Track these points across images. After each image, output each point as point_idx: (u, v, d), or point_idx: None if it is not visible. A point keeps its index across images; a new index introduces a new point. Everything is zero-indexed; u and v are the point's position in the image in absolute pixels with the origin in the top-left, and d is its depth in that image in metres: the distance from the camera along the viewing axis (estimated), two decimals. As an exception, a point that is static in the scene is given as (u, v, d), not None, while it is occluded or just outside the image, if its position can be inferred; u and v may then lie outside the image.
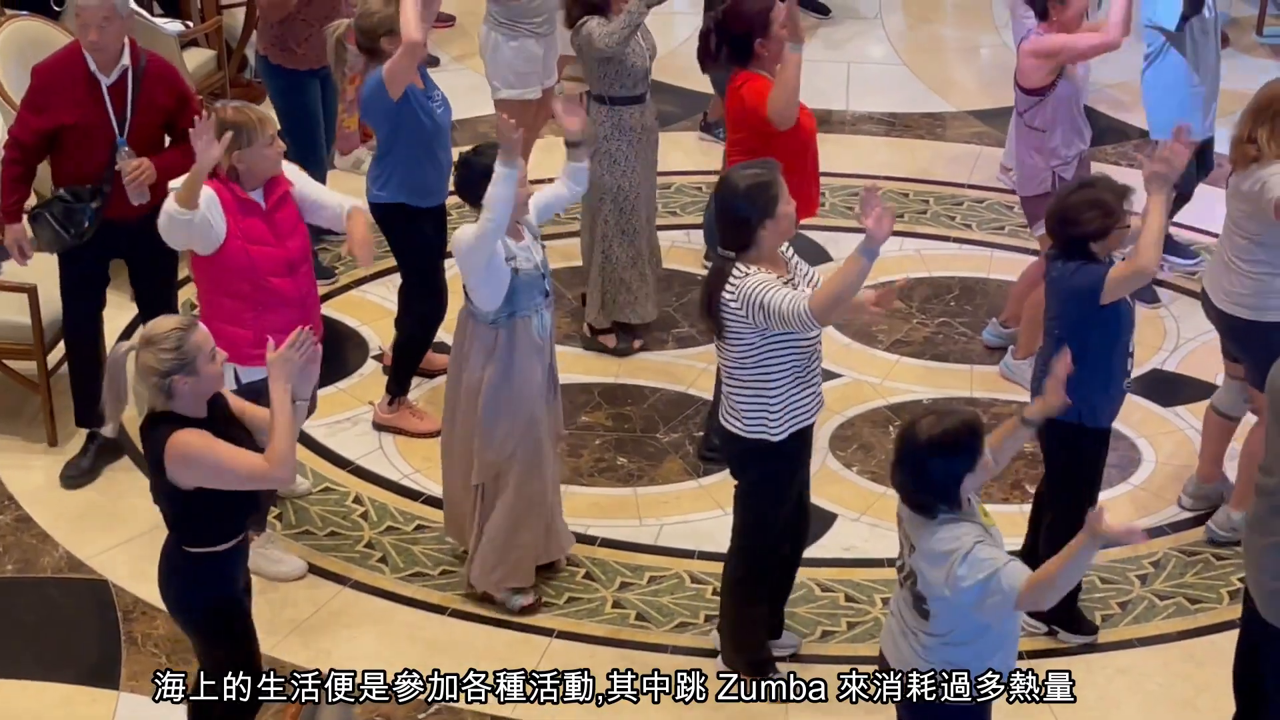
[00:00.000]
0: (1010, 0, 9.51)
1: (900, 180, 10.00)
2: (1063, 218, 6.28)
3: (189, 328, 5.29)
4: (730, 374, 6.09)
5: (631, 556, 7.20)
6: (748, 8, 7.24)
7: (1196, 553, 7.20)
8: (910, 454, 5.09)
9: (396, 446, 7.83)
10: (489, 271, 6.39)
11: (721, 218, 6.00)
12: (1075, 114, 7.83)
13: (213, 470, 5.26)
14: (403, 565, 7.14)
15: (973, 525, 5.09)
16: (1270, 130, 6.68)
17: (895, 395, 8.17)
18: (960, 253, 9.33)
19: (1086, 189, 6.31)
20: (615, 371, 8.35)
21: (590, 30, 7.98)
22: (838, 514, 7.43)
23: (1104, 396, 6.35)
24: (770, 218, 5.90)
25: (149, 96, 7.22)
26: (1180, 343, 8.49)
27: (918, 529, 5.14)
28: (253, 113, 6.50)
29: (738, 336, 5.97)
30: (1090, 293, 6.20)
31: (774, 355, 5.99)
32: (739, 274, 5.88)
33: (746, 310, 5.86)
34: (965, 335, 8.62)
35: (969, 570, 4.99)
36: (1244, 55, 11.59)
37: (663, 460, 7.74)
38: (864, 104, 10.90)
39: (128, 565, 7.05)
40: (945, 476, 5.05)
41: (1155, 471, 7.71)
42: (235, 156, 6.43)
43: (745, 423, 6.10)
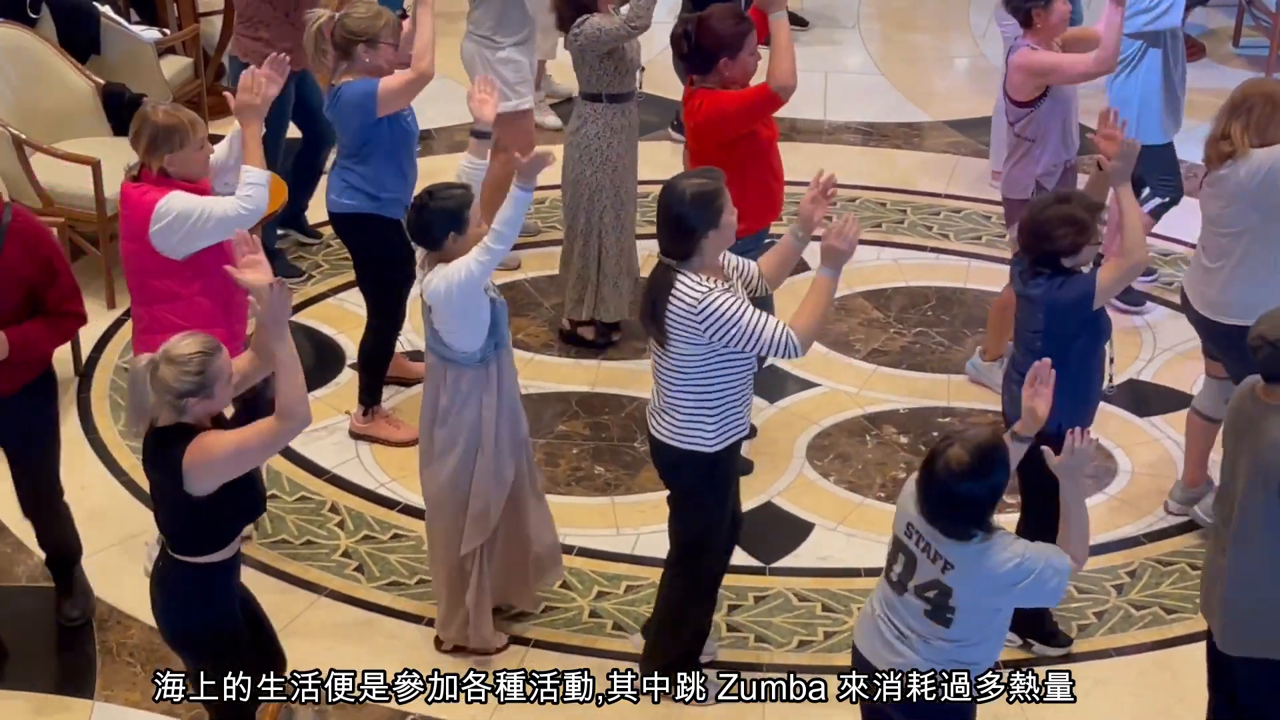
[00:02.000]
0: (996, 9, 9.51)
1: (878, 190, 10.01)
2: (1035, 232, 6.29)
3: (214, 352, 5.24)
4: (670, 382, 6.03)
5: (608, 566, 7.20)
6: (724, 27, 7.22)
7: (1172, 563, 7.21)
8: (941, 484, 5.06)
9: (373, 455, 7.82)
10: (477, 306, 6.25)
11: (665, 225, 5.92)
12: (1066, 125, 7.82)
13: (234, 458, 5.23)
14: (379, 574, 7.12)
15: (1008, 535, 5.16)
16: (1244, 124, 6.79)
17: (872, 404, 8.18)
18: (938, 262, 9.35)
19: (1061, 204, 6.32)
20: (592, 380, 8.34)
21: (598, 24, 7.96)
22: (814, 523, 7.42)
23: (1083, 405, 6.37)
24: (714, 228, 5.86)
25: (8, 261, 6.15)
26: (1157, 353, 8.51)
27: (954, 551, 5.12)
28: (184, 115, 6.42)
29: (686, 346, 5.91)
30: (1080, 302, 6.23)
31: (719, 368, 5.95)
32: (692, 286, 5.83)
33: (708, 327, 5.80)
34: (942, 345, 8.63)
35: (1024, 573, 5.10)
36: (1220, 66, 11.64)
37: (640, 469, 7.73)
38: (841, 113, 10.92)
39: (102, 574, 7.02)
40: (983, 499, 5.06)
41: (1132, 481, 7.72)
42: (167, 160, 6.36)
43: (680, 432, 6.06)
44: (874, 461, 7.81)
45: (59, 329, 6.30)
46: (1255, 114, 6.79)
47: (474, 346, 6.30)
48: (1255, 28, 11.93)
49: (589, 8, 8.03)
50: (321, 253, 9.25)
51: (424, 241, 6.31)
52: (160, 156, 6.36)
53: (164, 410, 5.26)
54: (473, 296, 6.20)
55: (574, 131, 8.27)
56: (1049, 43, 7.65)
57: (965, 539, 5.10)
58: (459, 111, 10.12)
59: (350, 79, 7.33)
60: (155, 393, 5.25)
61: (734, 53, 7.17)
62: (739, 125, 7.18)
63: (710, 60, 7.22)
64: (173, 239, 6.37)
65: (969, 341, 8.62)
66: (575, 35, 8.05)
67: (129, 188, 6.46)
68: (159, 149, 6.35)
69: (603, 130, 8.20)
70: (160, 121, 6.36)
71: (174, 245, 6.39)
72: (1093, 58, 7.56)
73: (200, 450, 5.20)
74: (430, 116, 9.65)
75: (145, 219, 6.35)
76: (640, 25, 7.94)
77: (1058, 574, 5.13)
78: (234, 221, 6.32)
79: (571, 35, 8.08)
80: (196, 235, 6.37)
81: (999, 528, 5.15)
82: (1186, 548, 7.28)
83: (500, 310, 6.37)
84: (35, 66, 9.01)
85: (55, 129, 8.95)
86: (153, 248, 6.39)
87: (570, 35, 8.09)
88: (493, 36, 8.75)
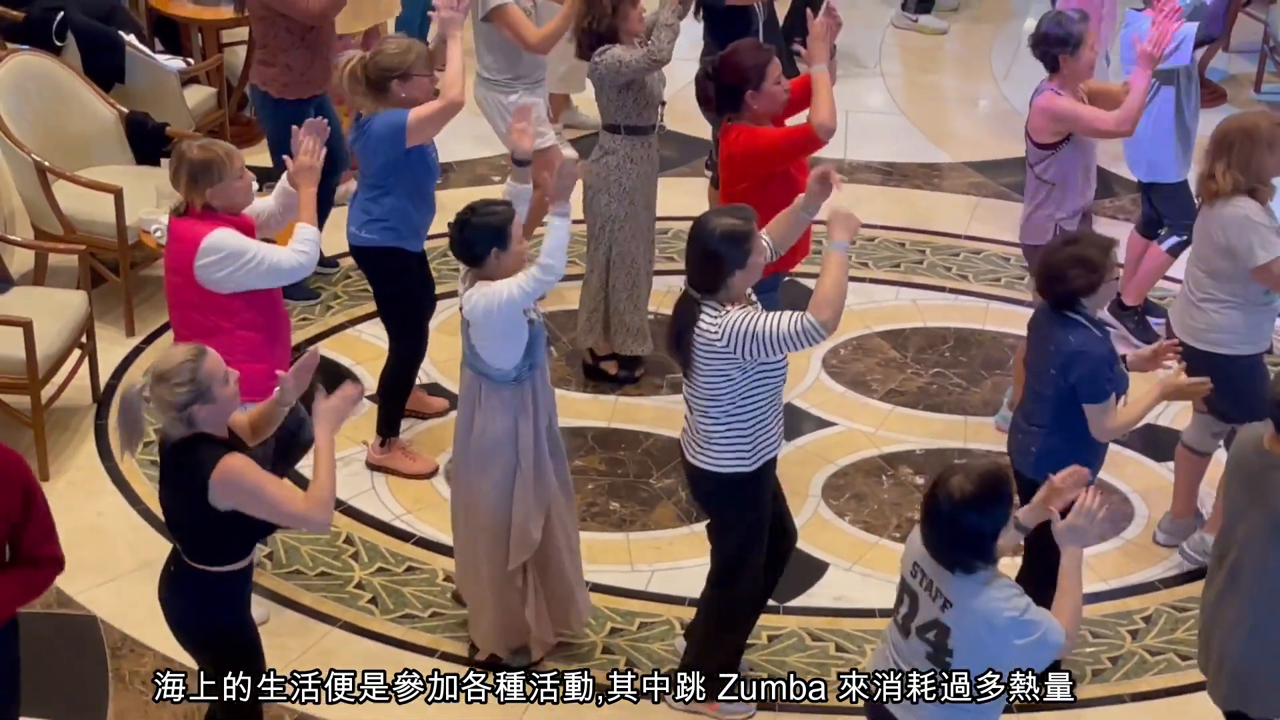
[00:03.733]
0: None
1: (897, 230, 10.01)
2: (1049, 275, 6.34)
3: (198, 357, 5.33)
4: (704, 410, 6.11)
5: (622, 602, 7.19)
6: (742, 60, 7.26)
7: (1187, 609, 7.18)
8: (944, 515, 5.07)
9: (389, 487, 7.82)
10: (517, 329, 6.34)
11: (694, 259, 6.04)
12: (1087, 170, 7.81)
13: (255, 500, 5.33)
14: (393, 607, 7.12)
15: (1013, 585, 5.12)
16: (1226, 163, 6.92)
17: (889, 445, 8.17)
18: (956, 303, 9.34)
19: (1071, 245, 6.37)
20: (609, 416, 8.34)
21: (618, 55, 7.98)
22: (829, 563, 7.41)
23: (1094, 458, 6.39)
24: (742, 268, 5.97)
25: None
26: (1174, 398, 8.48)
27: (954, 587, 5.12)
28: (219, 148, 6.53)
29: (716, 372, 6.00)
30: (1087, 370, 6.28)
31: (750, 390, 6.04)
32: (713, 319, 5.92)
33: (733, 344, 5.90)
34: (960, 386, 8.62)
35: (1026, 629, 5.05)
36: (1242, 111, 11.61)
37: (655, 505, 7.73)
38: (862, 153, 10.92)
39: (116, 602, 7.03)
40: (984, 532, 5.05)
41: (1147, 527, 7.69)
42: (209, 194, 6.47)
43: (719, 458, 6.15)
44: (890, 502, 7.80)
45: (34, 582, 5.43)
46: (1235, 150, 6.93)
47: (509, 365, 6.39)
48: (1277, 74, 11.93)
49: (610, 38, 8.05)
50: (341, 283, 9.26)
51: (467, 258, 6.41)
52: (202, 191, 6.46)
53: (175, 427, 5.35)
54: (513, 320, 6.30)
55: (594, 161, 8.29)
56: (1074, 88, 7.64)
57: (967, 571, 5.09)
58: (479, 146, 10.20)
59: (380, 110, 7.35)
60: (160, 414, 5.35)
61: (758, 84, 7.20)
62: (775, 163, 7.19)
63: (736, 95, 7.24)
64: (218, 274, 6.46)
65: (986, 383, 8.61)
66: (595, 65, 8.08)
67: (175, 222, 6.58)
68: (199, 184, 6.46)
69: (622, 161, 8.22)
70: (196, 157, 6.45)
71: (218, 280, 6.47)
72: (1114, 118, 7.52)
73: (230, 471, 5.27)
74: (451, 150, 9.67)
75: (190, 253, 6.45)
76: (660, 59, 7.96)
77: (1050, 647, 5.08)
78: (287, 274, 6.53)
79: (591, 64, 8.11)
80: (246, 277, 6.48)
81: (1003, 575, 5.14)
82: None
83: (538, 332, 6.46)
84: (60, 94, 9.04)
85: (78, 156, 8.98)
86: (196, 281, 6.47)
87: (590, 64, 8.12)
88: (504, 81, 8.76)
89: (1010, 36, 12.30)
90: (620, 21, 8.02)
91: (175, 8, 10.46)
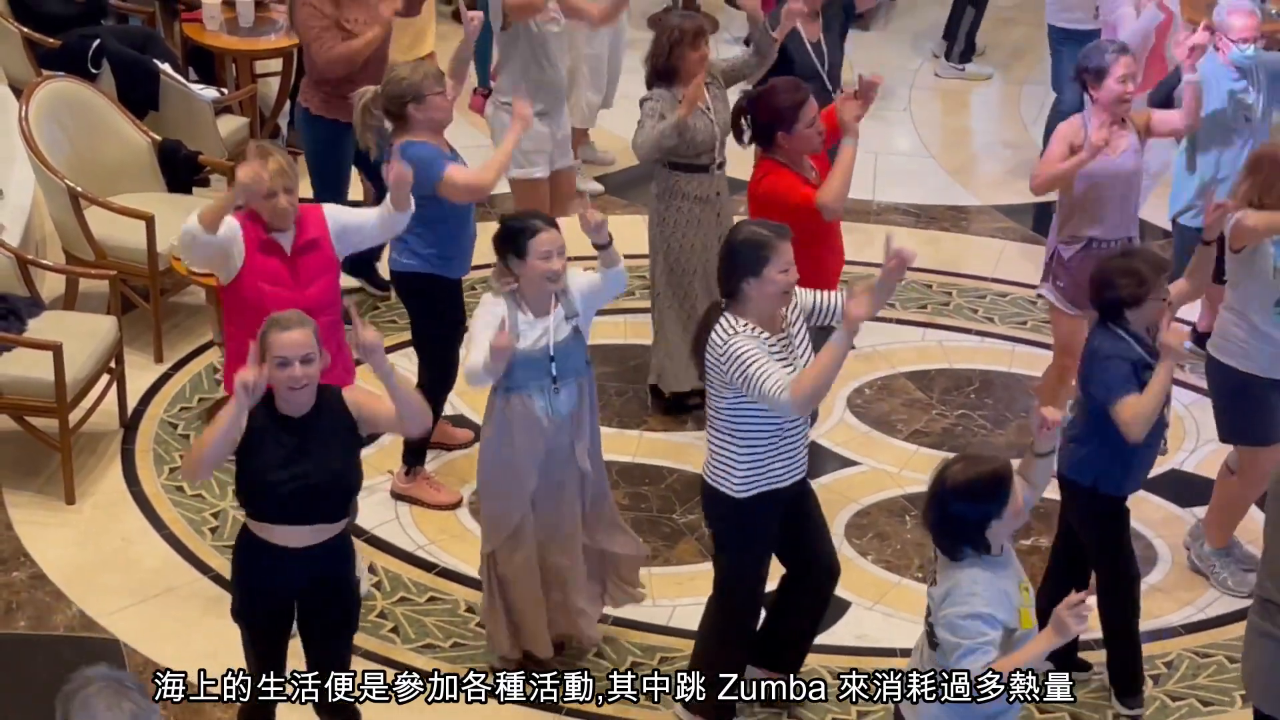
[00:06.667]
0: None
1: (924, 271, 10.01)
2: (1100, 280, 6.49)
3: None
4: (710, 420, 6.23)
5: (643, 636, 7.19)
6: (779, 100, 7.30)
7: (1209, 654, 7.17)
8: (937, 497, 5.27)
9: (413, 517, 7.84)
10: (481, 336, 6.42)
11: (719, 262, 6.20)
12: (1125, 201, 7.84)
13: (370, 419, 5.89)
14: (414, 636, 7.13)
15: (992, 583, 5.17)
16: (1251, 184, 7.07)
17: (912, 485, 8.16)
18: (982, 345, 9.35)
19: (1127, 256, 6.59)
20: (633, 451, 8.35)
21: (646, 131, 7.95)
22: (851, 602, 7.41)
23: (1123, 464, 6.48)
24: (755, 276, 5.99)
25: None
26: (1200, 443, 8.47)
27: (941, 568, 5.30)
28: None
29: (716, 383, 6.11)
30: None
31: (747, 412, 6.09)
32: (728, 326, 5.97)
33: (727, 370, 5.99)
34: (985, 428, 8.62)
35: (954, 633, 5.15)
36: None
37: (678, 541, 7.74)
38: (890, 195, 10.94)
39: (140, 626, 7.06)
40: (970, 521, 5.20)
41: (1170, 571, 7.68)
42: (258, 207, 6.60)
43: (711, 469, 6.25)
44: (913, 542, 7.80)
45: None
46: (1262, 175, 7.08)
47: (469, 372, 6.44)
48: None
49: (668, 77, 8.03)
50: (369, 314, 9.27)
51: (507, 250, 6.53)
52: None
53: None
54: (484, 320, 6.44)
55: (652, 194, 8.30)
56: (1110, 115, 7.65)
57: (953, 557, 5.24)
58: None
59: (412, 139, 7.30)
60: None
61: (790, 125, 7.23)
62: (784, 216, 7.21)
63: (769, 134, 7.29)
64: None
65: (1011, 425, 8.61)
66: (640, 123, 8.06)
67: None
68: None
69: (664, 193, 8.17)
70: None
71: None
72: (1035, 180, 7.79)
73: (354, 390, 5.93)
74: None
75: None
76: (668, 147, 7.97)
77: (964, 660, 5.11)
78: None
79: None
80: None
81: (1002, 565, 5.25)
82: (1225, 640, 7.25)
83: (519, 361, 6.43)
84: (94, 120, 9.10)
85: (111, 183, 9.03)
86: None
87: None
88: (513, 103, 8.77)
89: (1040, 80, 12.32)
90: (678, 63, 7.98)
91: (210, 38, 10.53)
